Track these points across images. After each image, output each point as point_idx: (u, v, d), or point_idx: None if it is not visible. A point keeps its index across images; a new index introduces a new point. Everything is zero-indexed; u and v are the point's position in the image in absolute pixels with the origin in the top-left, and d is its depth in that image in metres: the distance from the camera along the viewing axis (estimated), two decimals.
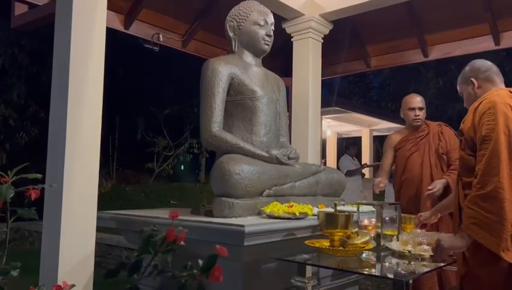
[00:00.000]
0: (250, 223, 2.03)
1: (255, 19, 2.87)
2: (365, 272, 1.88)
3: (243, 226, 1.93)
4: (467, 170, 1.93)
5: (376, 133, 12.57)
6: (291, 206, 2.31)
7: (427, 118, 3.48)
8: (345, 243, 1.99)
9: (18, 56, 10.54)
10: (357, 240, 2.00)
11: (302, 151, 3.55)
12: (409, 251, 1.99)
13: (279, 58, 4.70)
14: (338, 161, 8.97)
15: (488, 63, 2.12)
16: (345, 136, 12.71)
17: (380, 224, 2.11)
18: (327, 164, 9.96)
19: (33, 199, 0.96)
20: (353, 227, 2.09)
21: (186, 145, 15.06)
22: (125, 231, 2.61)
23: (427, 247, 2.00)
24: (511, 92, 1.95)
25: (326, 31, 4.09)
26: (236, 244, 1.96)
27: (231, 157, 2.47)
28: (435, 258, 1.92)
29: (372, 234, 2.14)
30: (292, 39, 4.09)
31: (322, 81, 4.21)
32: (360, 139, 11.62)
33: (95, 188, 2.36)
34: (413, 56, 4.84)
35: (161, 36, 4.25)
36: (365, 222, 2.30)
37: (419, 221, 2.60)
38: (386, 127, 11.67)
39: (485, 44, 4.27)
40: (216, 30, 4.28)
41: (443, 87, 16.63)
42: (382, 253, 2.07)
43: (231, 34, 2.93)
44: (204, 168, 15.88)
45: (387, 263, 1.95)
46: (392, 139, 3.55)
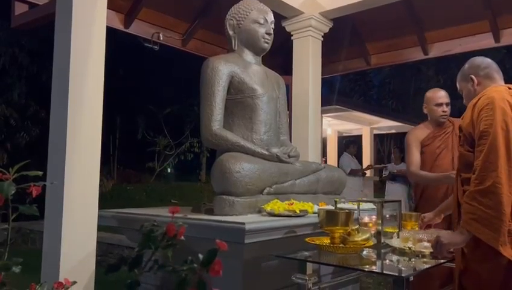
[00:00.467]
0: (250, 220, 2.03)
1: (254, 17, 2.88)
2: (365, 269, 1.88)
3: (243, 223, 1.93)
4: (466, 166, 1.93)
5: (376, 132, 12.57)
6: (292, 204, 2.32)
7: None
8: (345, 241, 1.99)
9: (18, 56, 10.55)
10: (358, 237, 2.00)
11: (302, 150, 3.55)
12: (409, 248, 2.00)
13: (279, 57, 4.70)
14: (339, 159, 8.98)
15: (488, 60, 2.11)
16: (345, 134, 12.70)
17: (380, 221, 2.12)
18: (328, 162, 9.98)
19: (34, 195, 0.97)
20: (353, 224, 2.09)
21: (187, 145, 15.08)
22: (126, 230, 2.62)
23: (428, 244, 2.00)
24: (510, 88, 1.95)
25: (326, 29, 4.09)
26: (237, 241, 1.96)
27: (231, 155, 2.47)
28: (434, 254, 1.92)
29: (373, 231, 2.15)
30: (292, 37, 4.09)
31: (322, 79, 4.21)
32: (360, 137, 11.61)
33: (96, 186, 2.37)
34: (413, 54, 4.83)
35: (161, 35, 4.26)
36: (366, 219, 2.30)
37: (423, 222, 2.58)
38: (387, 125, 11.67)
39: (485, 41, 4.27)
40: (216, 29, 4.29)
41: (443, 85, 16.61)
42: (383, 250, 2.08)
43: (231, 32, 2.94)
44: (205, 167, 15.89)
45: (388, 260, 1.95)
46: (418, 135, 3.35)
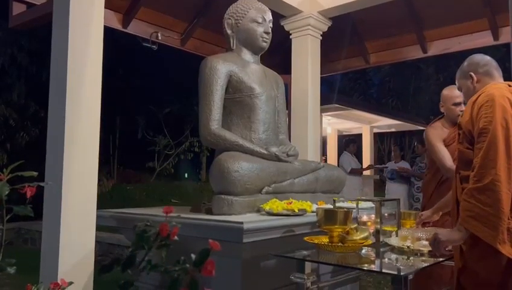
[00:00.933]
0: (249, 220, 2.03)
1: (253, 17, 2.87)
2: (364, 268, 1.88)
3: (241, 223, 1.93)
4: (465, 163, 1.92)
5: (376, 130, 12.55)
6: (290, 203, 2.31)
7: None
8: (344, 239, 1.99)
9: (18, 56, 10.54)
10: (356, 236, 2.00)
11: (301, 149, 3.55)
12: (408, 247, 2.00)
13: (278, 56, 4.70)
14: (339, 158, 8.96)
15: (487, 58, 2.10)
16: (345, 133, 12.69)
17: (379, 220, 2.11)
18: (328, 161, 9.97)
19: (29, 196, 0.97)
20: (352, 223, 2.09)
21: (186, 144, 15.08)
22: (125, 229, 2.62)
23: (426, 242, 2.00)
24: (510, 85, 1.94)
25: (325, 28, 4.08)
26: (235, 241, 1.96)
27: (230, 154, 2.47)
28: (432, 251, 1.91)
29: (372, 230, 2.14)
30: (291, 36, 4.09)
31: (321, 78, 4.21)
32: (360, 136, 11.60)
33: (95, 186, 2.37)
34: (412, 52, 4.83)
35: (159, 35, 4.25)
36: (364, 218, 2.30)
37: (421, 219, 2.58)
38: (387, 124, 11.66)
39: (484, 39, 4.26)
40: (214, 28, 4.28)
41: (443, 83, 16.60)
42: (381, 249, 2.07)
43: (229, 31, 2.93)
44: (205, 166, 15.89)
45: (387, 259, 1.95)
46: (439, 133, 3.26)
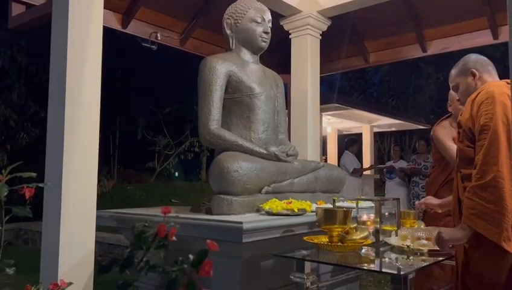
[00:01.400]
0: (248, 220, 2.03)
1: (252, 16, 2.87)
2: (364, 268, 1.88)
3: (241, 223, 1.93)
4: (466, 162, 1.91)
5: (377, 130, 12.55)
6: (290, 203, 2.31)
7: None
8: (343, 239, 1.99)
9: (17, 56, 10.54)
10: (356, 235, 2.00)
11: (301, 148, 3.55)
12: (408, 246, 2.00)
13: (278, 55, 4.70)
14: (339, 157, 8.96)
15: (484, 57, 2.10)
16: (345, 132, 12.69)
17: (378, 219, 2.11)
18: (328, 161, 9.97)
19: (27, 197, 0.97)
20: (351, 223, 2.09)
21: (187, 144, 15.07)
22: (124, 230, 2.62)
23: (426, 241, 2.00)
24: (508, 83, 1.92)
25: (325, 28, 4.08)
26: (235, 241, 1.96)
27: (229, 154, 2.47)
28: (437, 249, 1.91)
29: (371, 230, 2.14)
30: (290, 36, 4.09)
31: (321, 77, 4.20)
32: (360, 135, 11.60)
33: (94, 186, 2.36)
34: (412, 51, 4.83)
35: (159, 35, 4.25)
36: (364, 218, 2.30)
37: (423, 202, 2.62)
38: (387, 123, 11.65)
39: (483, 38, 4.26)
40: (214, 28, 4.28)
41: (443, 82, 16.61)
42: (381, 248, 2.07)
43: (228, 31, 2.93)
44: (205, 166, 15.89)
45: (386, 258, 1.95)
46: (448, 132, 3.28)
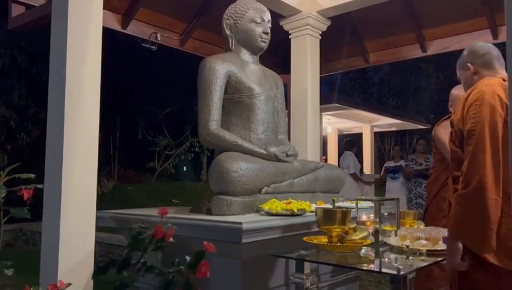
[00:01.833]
0: (248, 220, 2.03)
1: (251, 17, 2.87)
2: (363, 268, 1.88)
3: (240, 223, 1.93)
4: (456, 163, 1.85)
5: (377, 130, 12.54)
6: (290, 203, 2.31)
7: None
8: (342, 239, 1.99)
9: (18, 57, 10.54)
10: (355, 235, 1.99)
11: (301, 149, 3.55)
12: (407, 246, 1.99)
13: (277, 55, 4.70)
14: (339, 157, 8.96)
15: (488, 47, 1.95)
16: (346, 132, 12.69)
17: (378, 219, 2.11)
18: (328, 161, 9.96)
19: (26, 198, 0.97)
20: (351, 223, 2.09)
21: (187, 144, 15.08)
22: (124, 230, 2.62)
23: (425, 242, 2.00)
24: (505, 80, 1.78)
25: (324, 28, 4.08)
26: (234, 241, 1.97)
27: (229, 155, 2.47)
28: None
29: (371, 230, 2.14)
30: (290, 36, 4.09)
31: (321, 77, 4.20)
32: (361, 135, 11.60)
33: (94, 187, 2.37)
34: (412, 51, 4.83)
35: (159, 35, 4.25)
36: (364, 218, 2.30)
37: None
38: (387, 123, 11.64)
39: (483, 38, 4.25)
40: (214, 28, 4.27)
41: (443, 82, 16.61)
42: (381, 248, 2.07)
43: (228, 32, 2.93)
44: (206, 166, 15.90)
45: (386, 259, 1.95)
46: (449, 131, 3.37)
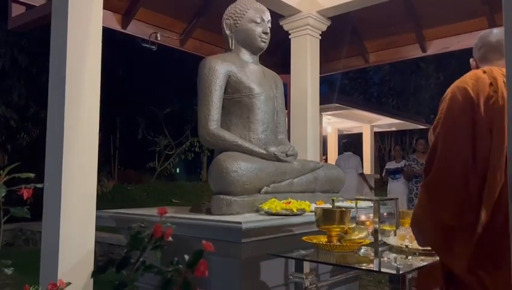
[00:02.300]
0: (247, 220, 2.03)
1: (251, 17, 2.88)
2: (362, 267, 1.88)
3: (240, 223, 1.94)
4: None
5: (377, 129, 12.56)
6: (289, 203, 2.32)
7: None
8: (342, 239, 1.99)
9: (18, 57, 10.55)
10: (354, 235, 2.00)
11: (301, 148, 3.55)
12: (406, 246, 2.00)
13: (277, 55, 4.70)
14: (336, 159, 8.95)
15: (486, 38, 1.82)
16: (346, 132, 12.70)
17: (377, 219, 2.12)
18: (328, 161, 9.97)
19: (25, 198, 0.97)
20: (350, 223, 2.09)
21: (187, 144, 15.09)
22: (124, 230, 2.63)
23: None
24: (485, 72, 1.65)
25: (324, 28, 4.09)
26: (234, 241, 1.97)
27: (228, 155, 2.48)
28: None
29: (370, 230, 2.15)
30: (290, 36, 4.09)
31: (321, 77, 4.21)
32: (361, 135, 11.62)
33: (94, 186, 2.37)
34: (412, 51, 4.83)
35: (159, 35, 4.26)
36: (363, 218, 2.30)
37: None
38: (387, 123, 11.67)
39: None
40: (214, 28, 4.28)
41: (444, 82, 16.61)
42: (380, 248, 2.08)
43: (228, 32, 2.94)
44: (206, 166, 15.91)
45: (385, 258, 1.96)
46: None
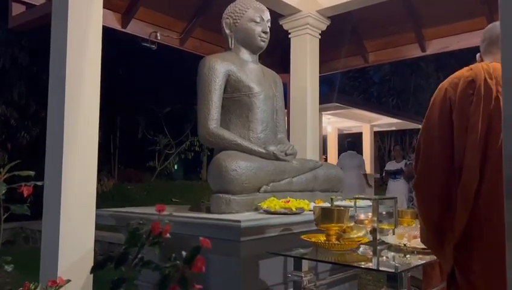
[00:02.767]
0: (246, 218, 2.04)
1: (251, 16, 2.89)
2: (360, 266, 1.89)
3: (239, 221, 1.95)
4: None
5: (377, 129, 12.57)
6: (288, 202, 2.33)
7: None
8: (341, 237, 2.00)
9: (18, 56, 10.56)
10: (353, 234, 2.01)
11: (300, 148, 3.56)
12: (405, 245, 2.01)
13: (277, 55, 4.71)
14: (339, 156, 8.97)
15: (489, 32, 1.76)
16: (346, 132, 12.71)
17: (376, 218, 2.13)
18: (328, 160, 9.98)
19: (26, 195, 0.98)
20: (349, 221, 2.10)
21: (187, 143, 15.09)
22: (124, 229, 2.64)
23: None
24: (471, 69, 1.64)
25: (324, 27, 4.09)
26: (233, 239, 1.98)
27: (228, 153, 2.49)
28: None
29: (369, 228, 2.16)
30: (289, 35, 4.10)
31: (321, 77, 4.22)
32: (360, 135, 11.63)
33: (94, 185, 2.38)
34: (411, 51, 4.84)
35: (159, 34, 4.26)
36: (362, 217, 2.32)
37: None
38: (387, 122, 11.67)
39: None
40: (213, 27, 4.28)
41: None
42: (379, 247, 2.09)
43: (227, 31, 2.95)
44: (206, 165, 15.91)
45: (384, 257, 1.97)
46: None
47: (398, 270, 1.65)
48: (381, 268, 1.75)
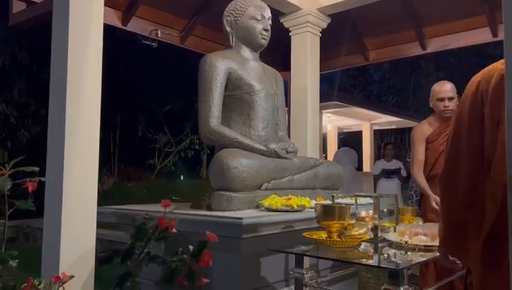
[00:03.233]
0: (248, 215, 2.05)
1: (252, 14, 2.89)
2: (361, 263, 1.90)
3: (240, 218, 1.95)
4: None
5: (377, 127, 12.57)
6: (289, 199, 2.33)
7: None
8: (342, 235, 2.01)
9: (18, 54, 10.55)
10: (354, 231, 2.02)
11: (301, 146, 3.56)
12: (406, 242, 2.02)
13: (278, 53, 4.71)
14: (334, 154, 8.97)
15: None
16: (345, 130, 12.72)
17: (377, 215, 2.13)
18: (328, 158, 9.98)
19: (30, 191, 0.99)
20: (350, 219, 2.11)
21: (187, 142, 15.10)
22: (125, 226, 2.64)
23: (424, 237, 2.02)
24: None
25: (324, 25, 4.09)
26: (234, 236, 1.99)
27: (229, 151, 2.49)
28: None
29: (370, 226, 2.16)
30: (290, 33, 4.10)
31: (321, 75, 4.21)
32: (360, 133, 11.64)
33: (95, 183, 2.38)
34: (411, 49, 4.83)
35: (159, 32, 4.26)
36: (363, 214, 2.32)
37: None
38: (387, 121, 11.67)
39: (482, 36, 4.26)
40: (214, 25, 4.28)
41: (443, 80, 16.60)
42: (380, 244, 2.09)
43: (228, 28, 2.95)
44: (206, 164, 15.92)
45: (385, 254, 1.97)
46: (424, 131, 3.30)
47: (399, 267, 1.65)
48: (383, 265, 1.76)
